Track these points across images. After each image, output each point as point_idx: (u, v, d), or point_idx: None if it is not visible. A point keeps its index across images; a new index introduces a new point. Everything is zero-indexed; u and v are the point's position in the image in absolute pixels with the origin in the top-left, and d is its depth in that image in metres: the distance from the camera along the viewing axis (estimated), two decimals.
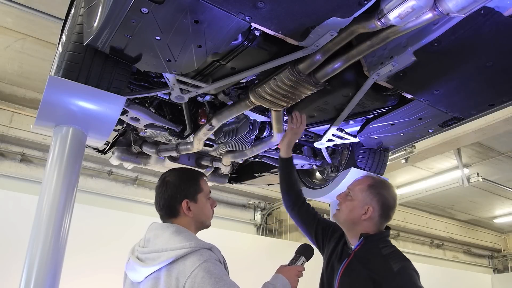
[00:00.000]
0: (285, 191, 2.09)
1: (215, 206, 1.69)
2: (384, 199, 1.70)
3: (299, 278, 1.62)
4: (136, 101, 2.37)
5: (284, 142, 2.13)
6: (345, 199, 1.77)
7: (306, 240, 2.02)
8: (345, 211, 1.74)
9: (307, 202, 2.10)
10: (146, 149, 2.92)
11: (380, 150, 2.71)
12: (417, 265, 1.61)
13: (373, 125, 2.32)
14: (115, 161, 3.00)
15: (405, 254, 1.66)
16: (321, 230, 1.95)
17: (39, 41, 5.06)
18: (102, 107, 1.86)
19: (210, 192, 1.68)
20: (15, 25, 4.82)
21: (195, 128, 2.52)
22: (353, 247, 1.71)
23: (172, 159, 3.06)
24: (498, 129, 5.47)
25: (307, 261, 1.72)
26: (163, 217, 1.61)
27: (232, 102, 2.24)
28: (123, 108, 2.19)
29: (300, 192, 2.10)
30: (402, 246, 10.31)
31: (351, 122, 2.40)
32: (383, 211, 1.69)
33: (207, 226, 1.67)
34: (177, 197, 1.57)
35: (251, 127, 2.40)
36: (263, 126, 2.51)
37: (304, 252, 1.73)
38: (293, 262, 1.70)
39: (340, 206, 1.78)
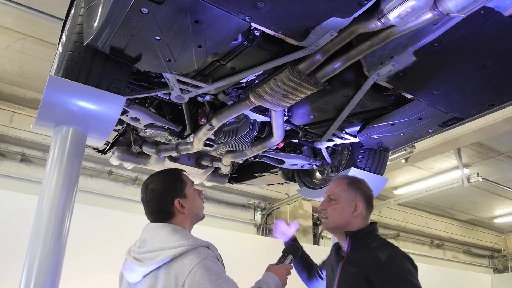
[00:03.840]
0: (301, 271, 2.12)
1: (203, 195, 1.73)
2: (364, 191, 1.79)
3: (287, 276, 1.68)
4: (136, 101, 2.37)
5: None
6: (329, 204, 1.78)
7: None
8: (334, 215, 1.76)
9: (316, 266, 2.13)
10: (146, 149, 2.92)
11: (380, 150, 2.71)
12: (417, 265, 1.62)
13: (373, 125, 2.32)
14: (115, 161, 3.00)
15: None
16: (323, 267, 2.02)
17: (39, 41, 5.06)
18: (102, 107, 1.86)
19: (193, 183, 1.72)
20: (15, 25, 4.81)
21: (195, 128, 2.52)
22: (345, 249, 1.75)
23: (172, 159, 3.06)
24: (498, 129, 5.47)
25: (294, 259, 1.81)
26: (156, 221, 1.61)
27: (232, 102, 2.24)
28: (123, 108, 2.19)
29: (314, 265, 2.13)
30: (402, 246, 10.27)
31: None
32: (368, 202, 1.78)
33: (202, 218, 1.70)
34: (168, 199, 1.59)
35: (251, 127, 2.40)
36: (263, 126, 2.51)
37: (291, 251, 1.82)
38: (281, 261, 1.78)
39: (326, 213, 1.78)
